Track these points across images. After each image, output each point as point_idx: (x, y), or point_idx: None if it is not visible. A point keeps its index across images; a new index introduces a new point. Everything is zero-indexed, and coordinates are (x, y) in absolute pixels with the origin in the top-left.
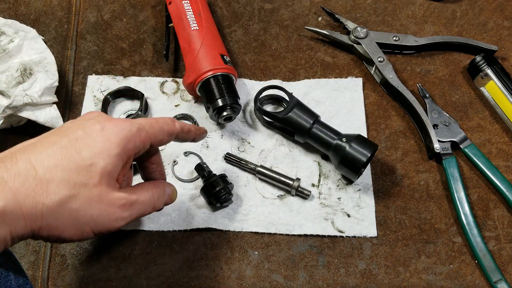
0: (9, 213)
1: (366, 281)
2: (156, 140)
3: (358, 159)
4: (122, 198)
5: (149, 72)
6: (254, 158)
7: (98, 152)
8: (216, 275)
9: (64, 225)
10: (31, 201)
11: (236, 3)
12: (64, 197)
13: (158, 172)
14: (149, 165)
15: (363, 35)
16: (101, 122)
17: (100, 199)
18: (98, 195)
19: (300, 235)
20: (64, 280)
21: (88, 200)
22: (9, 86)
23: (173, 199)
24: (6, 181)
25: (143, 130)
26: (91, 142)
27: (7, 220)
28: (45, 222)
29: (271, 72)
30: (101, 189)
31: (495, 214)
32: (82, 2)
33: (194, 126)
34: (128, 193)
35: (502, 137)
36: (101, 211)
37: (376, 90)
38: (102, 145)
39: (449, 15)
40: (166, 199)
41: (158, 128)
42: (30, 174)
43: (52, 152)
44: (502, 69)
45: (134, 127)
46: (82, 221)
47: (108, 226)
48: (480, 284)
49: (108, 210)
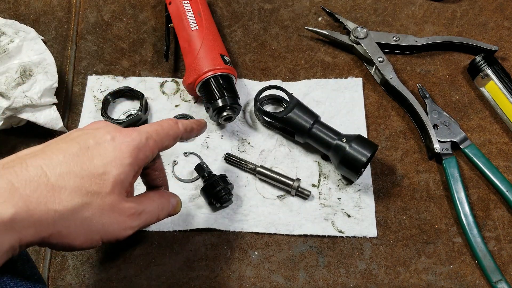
0: (19, 221)
1: (366, 281)
2: (162, 146)
3: (358, 159)
4: (131, 208)
5: (149, 72)
6: (254, 158)
7: (111, 161)
8: (216, 275)
9: (75, 233)
10: (42, 208)
11: (236, 3)
12: (77, 205)
13: (160, 178)
14: (152, 172)
15: (363, 35)
16: (110, 132)
17: (111, 208)
18: (110, 204)
19: (300, 236)
20: (64, 280)
21: (100, 208)
22: (8, 87)
23: (177, 211)
24: (17, 188)
25: (151, 139)
26: (103, 151)
27: (17, 227)
28: (56, 230)
29: (271, 72)
30: (113, 198)
31: (495, 214)
32: (82, 2)
33: (195, 122)
34: (136, 203)
35: (502, 137)
36: (112, 220)
37: (376, 90)
38: (114, 154)
39: (449, 15)
40: (170, 211)
41: (164, 135)
42: (42, 181)
43: (64, 159)
44: (502, 69)
45: (143, 137)
46: (93, 230)
47: (117, 235)
48: (480, 284)
49: (118, 219)
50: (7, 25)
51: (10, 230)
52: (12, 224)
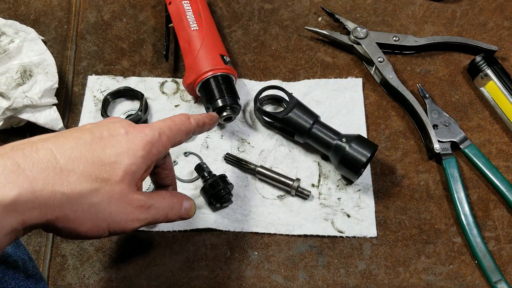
0: (23, 202)
1: (366, 281)
2: (175, 142)
3: (358, 159)
4: (140, 200)
5: (149, 72)
6: (254, 158)
7: (124, 152)
8: (216, 275)
9: (82, 218)
10: (49, 189)
11: (236, 3)
12: (85, 190)
13: (170, 178)
14: (162, 171)
15: (363, 35)
16: (124, 126)
17: (120, 197)
18: (119, 192)
19: (300, 236)
20: (64, 280)
21: (108, 196)
22: (9, 88)
23: (191, 215)
24: (23, 169)
25: (164, 135)
26: (116, 142)
27: (20, 209)
28: (63, 213)
29: (271, 72)
30: (122, 187)
31: (495, 214)
32: (82, 2)
33: (206, 116)
34: (146, 196)
35: (502, 137)
36: (119, 209)
37: (376, 90)
38: (127, 146)
39: (449, 15)
40: (183, 213)
41: (176, 130)
42: (50, 163)
43: (76, 145)
44: (502, 69)
45: (156, 132)
46: (100, 217)
47: (124, 226)
48: (480, 285)
49: (126, 209)
50: (7, 25)
51: (13, 211)
52: (15, 206)
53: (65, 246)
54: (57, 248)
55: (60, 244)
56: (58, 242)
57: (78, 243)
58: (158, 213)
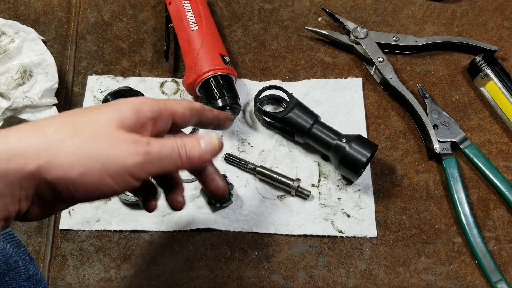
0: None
1: (366, 281)
2: (177, 114)
3: (358, 159)
4: (133, 136)
5: (149, 72)
6: (254, 158)
7: (107, 107)
8: (216, 275)
9: (69, 162)
10: (25, 141)
11: (236, 3)
12: (64, 135)
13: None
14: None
15: (363, 35)
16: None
17: (106, 135)
18: (104, 133)
19: (300, 236)
20: (64, 280)
21: (92, 136)
22: (9, 88)
23: (217, 146)
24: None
25: (160, 100)
26: (101, 107)
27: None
28: (43, 160)
29: (271, 72)
30: (106, 129)
31: (495, 214)
32: (82, 2)
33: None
34: (140, 135)
35: (502, 137)
36: (110, 145)
37: (376, 90)
38: (113, 105)
39: (449, 15)
40: (206, 146)
41: (174, 102)
42: (25, 124)
43: (59, 115)
44: (502, 69)
45: (148, 98)
46: (89, 156)
47: (123, 162)
48: (480, 285)
49: (120, 145)
50: (8, 25)
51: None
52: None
53: (65, 246)
54: (57, 248)
55: (60, 244)
56: (58, 242)
57: (78, 243)
58: (164, 148)
